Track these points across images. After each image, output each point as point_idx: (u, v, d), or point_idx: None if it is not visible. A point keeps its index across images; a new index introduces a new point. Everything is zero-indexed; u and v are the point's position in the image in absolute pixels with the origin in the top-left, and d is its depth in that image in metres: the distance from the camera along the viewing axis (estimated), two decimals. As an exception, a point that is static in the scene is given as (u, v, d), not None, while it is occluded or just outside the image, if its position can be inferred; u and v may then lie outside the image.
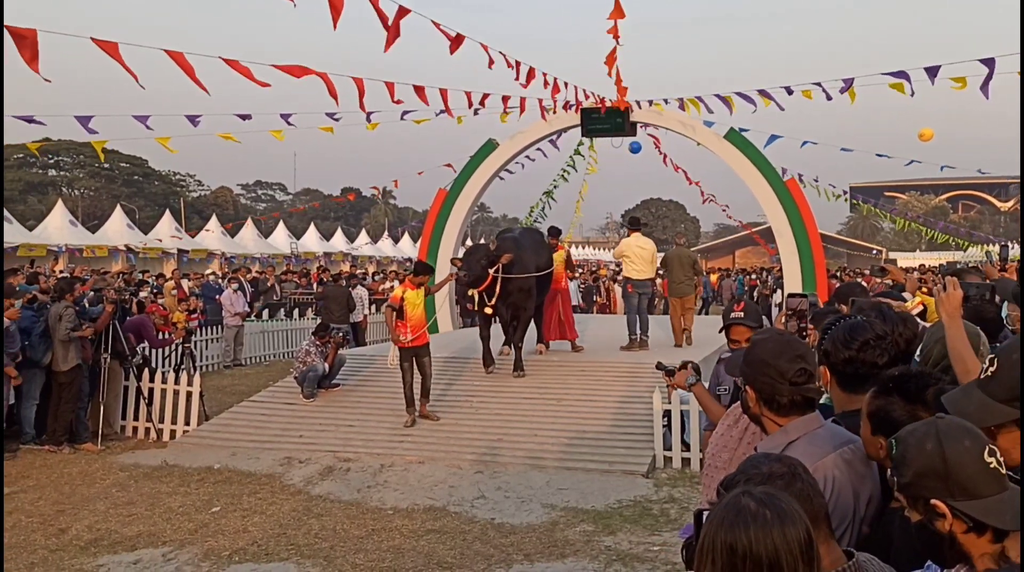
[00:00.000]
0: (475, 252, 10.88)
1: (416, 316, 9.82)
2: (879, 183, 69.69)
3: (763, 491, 1.64)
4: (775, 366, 2.52)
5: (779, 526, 1.56)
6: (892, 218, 38.59)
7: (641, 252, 12.03)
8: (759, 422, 2.64)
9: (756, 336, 2.80)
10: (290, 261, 37.97)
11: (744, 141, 14.33)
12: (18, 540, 6.81)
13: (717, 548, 1.57)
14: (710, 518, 1.62)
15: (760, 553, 1.54)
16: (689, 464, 8.69)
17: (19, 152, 53.56)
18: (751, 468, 1.89)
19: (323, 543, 6.64)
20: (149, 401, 10.50)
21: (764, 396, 2.55)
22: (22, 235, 29.89)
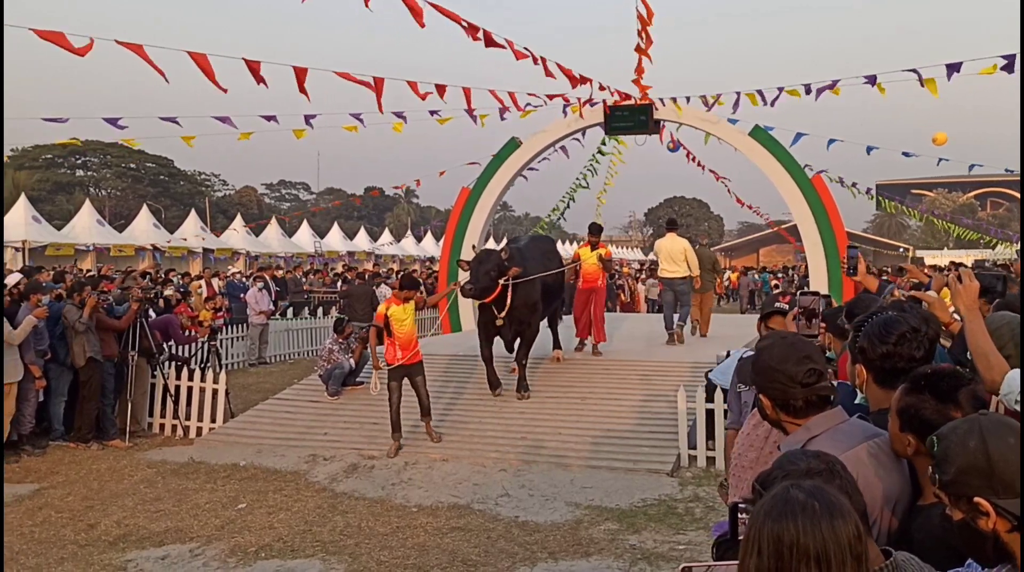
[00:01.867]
0: (485, 261, 9.94)
1: (405, 333, 9.13)
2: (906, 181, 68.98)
3: (812, 484, 1.62)
4: (783, 371, 2.50)
5: (828, 519, 1.54)
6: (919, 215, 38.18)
7: (673, 252, 12.42)
8: (780, 427, 2.62)
9: (760, 342, 2.78)
10: (314, 260, 38.17)
11: (769, 138, 14.22)
12: (48, 535, 6.89)
13: (764, 538, 1.56)
14: (756, 508, 1.60)
15: (808, 544, 1.52)
16: (714, 463, 8.64)
17: (47, 152, 54.31)
18: (788, 464, 1.87)
19: (348, 540, 6.67)
20: (176, 398, 10.60)
21: (779, 402, 2.54)
22: (51, 234, 30.27)
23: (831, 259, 13.79)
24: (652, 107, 14.39)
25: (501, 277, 9.81)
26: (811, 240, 13.93)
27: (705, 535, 6.65)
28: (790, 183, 14.01)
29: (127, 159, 59.25)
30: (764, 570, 1.56)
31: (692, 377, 10.24)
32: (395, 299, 9.31)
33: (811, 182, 14.10)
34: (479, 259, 10.05)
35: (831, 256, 13.79)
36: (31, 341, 9.28)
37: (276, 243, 40.49)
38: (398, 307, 9.15)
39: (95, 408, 9.88)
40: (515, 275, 9.90)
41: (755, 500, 1.84)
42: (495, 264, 9.84)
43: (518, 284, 10.02)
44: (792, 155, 14.25)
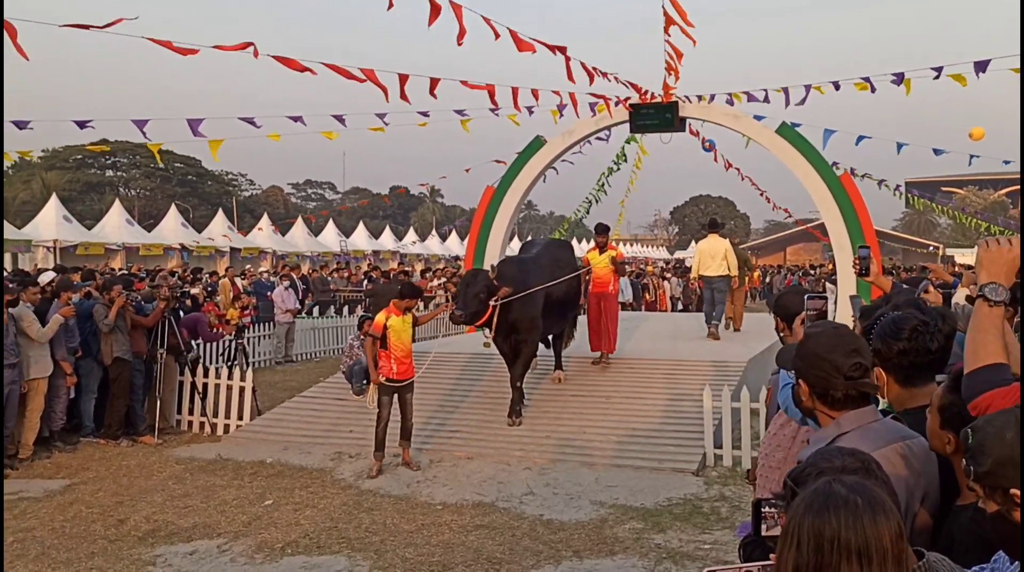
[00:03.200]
0: (472, 283, 9.32)
1: (402, 346, 8.57)
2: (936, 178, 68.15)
3: (855, 479, 1.60)
4: (829, 360, 2.47)
5: (871, 514, 1.52)
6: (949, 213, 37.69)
7: (714, 252, 12.89)
8: (812, 416, 2.60)
9: (809, 329, 2.76)
10: (340, 259, 38.37)
11: (796, 135, 14.11)
12: (79, 530, 6.99)
13: (804, 532, 1.54)
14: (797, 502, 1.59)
15: (849, 540, 1.50)
16: (740, 463, 8.59)
17: (78, 153, 54.98)
18: (822, 461, 1.85)
19: (373, 537, 6.71)
20: (203, 396, 10.70)
21: (818, 390, 2.51)
22: (81, 234, 30.67)
23: (859, 258, 13.63)
24: (677, 104, 14.33)
25: (491, 298, 9.21)
26: (839, 239, 13.80)
27: (731, 535, 6.61)
28: (818, 181, 13.89)
29: (156, 159, 59.87)
30: (803, 564, 1.54)
31: (718, 376, 10.19)
32: (395, 309, 8.67)
33: (839, 180, 13.97)
34: (466, 281, 9.49)
35: (859, 255, 13.64)
36: (62, 338, 9.41)
37: (302, 242, 40.75)
38: (398, 318, 8.59)
39: (124, 405, 10.01)
40: (505, 295, 9.26)
41: (783, 496, 1.83)
42: (483, 286, 9.23)
43: (511, 302, 9.39)
44: (820, 152, 14.12)
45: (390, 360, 8.54)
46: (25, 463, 9.02)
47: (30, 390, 9.07)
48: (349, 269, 28.51)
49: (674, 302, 26.94)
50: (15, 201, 48.46)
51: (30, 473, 8.79)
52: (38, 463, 9.10)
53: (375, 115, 13.27)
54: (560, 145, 15.41)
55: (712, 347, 12.29)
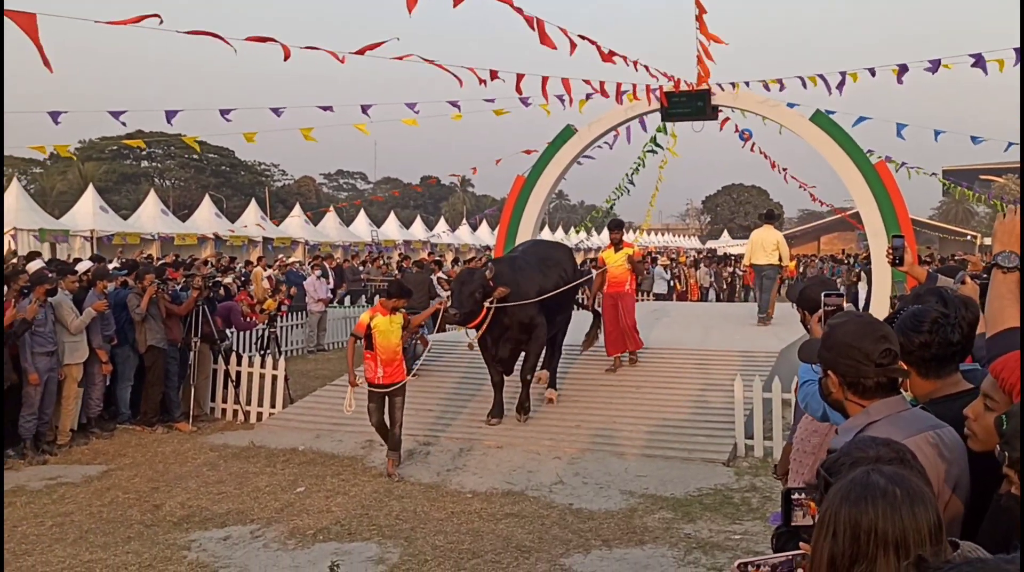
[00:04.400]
0: (468, 281, 8.92)
1: (389, 347, 8.12)
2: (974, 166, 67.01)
3: (893, 470, 1.58)
4: (859, 348, 2.44)
5: (909, 505, 1.50)
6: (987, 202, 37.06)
7: (766, 242, 13.27)
8: (840, 407, 2.58)
9: (834, 319, 2.74)
10: (371, 249, 38.58)
11: (831, 123, 13.92)
12: (115, 515, 7.11)
13: (840, 522, 1.52)
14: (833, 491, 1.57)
15: (887, 530, 1.48)
16: (771, 453, 8.53)
17: (113, 144, 55.71)
18: (856, 451, 1.82)
19: (404, 524, 6.76)
20: (237, 384, 10.83)
21: (848, 380, 2.48)
22: (117, 224, 31.12)
23: (895, 247, 13.45)
24: (709, 92, 14.20)
25: (486, 299, 8.85)
26: (874, 228, 13.62)
27: (762, 525, 6.58)
28: (852, 169, 13.70)
29: (190, 150, 60.36)
30: (839, 554, 1.52)
31: (749, 366, 10.12)
32: (381, 308, 8.26)
33: (875, 168, 13.78)
34: (461, 279, 9.07)
35: (895, 244, 13.45)
36: (98, 326, 9.57)
37: (334, 232, 41.00)
38: (384, 317, 8.13)
39: (159, 393, 10.16)
40: (502, 296, 8.90)
41: (816, 486, 1.81)
42: (479, 285, 8.85)
43: (508, 306, 9.04)
44: (855, 140, 13.93)
45: (375, 363, 8.12)
46: (63, 449, 9.19)
47: (66, 377, 9.24)
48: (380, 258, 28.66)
49: (704, 292, 26.78)
50: (53, 191, 49.24)
51: (68, 459, 8.96)
52: (76, 449, 9.27)
53: (405, 105, 13.31)
54: (591, 134, 15.35)
55: (743, 337, 12.21)
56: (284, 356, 13.21)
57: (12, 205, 27.53)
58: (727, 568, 5.75)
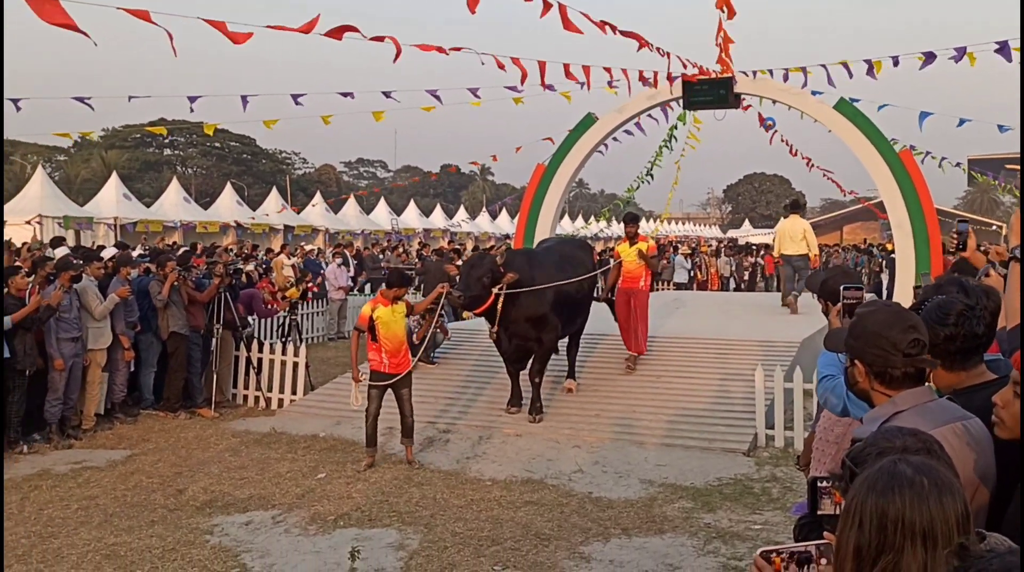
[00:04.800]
0: (477, 265, 8.86)
1: (393, 338, 8.04)
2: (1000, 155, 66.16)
3: (921, 460, 1.57)
4: (888, 337, 2.42)
5: (936, 496, 1.48)
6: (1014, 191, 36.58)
7: (793, 232, 13.41)
8: (866, 397, 2.56)
9: (862, 309, 2.71)
10: (390, 237, 38.67)
11: (855, 111, 13.78)
12: (139, 499, 7.20)
13: (866, 512, 1.51)
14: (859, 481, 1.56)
15: (914, 520, 1.47)
16: (792, 443, 8.49)
17: (136, 132, 56.11)
18: (883, 441, 1.81)
19: (424, 511, 6.79)
20: (258, 371, 10.90)
21: (876, 369, 2.46)
22: (141, 212, 31.36)
23: (918, 237, 13.34)
24: (732, 80, 14.09)
25: (495, 285, 8.70)
26: (898, 217, 13.49)
27: (782, 515, 6.56)
28: (877, 158, 13.57)
29: (212, 138, 60.85)
30: (865, 544, 1.51)
31: (770, 356, 10.07)
32: (382, 298, 8.18)
33: (899, 157, 13.63)
34: (471, 263, 9.03)
35: (919, 234, 13.34)
36: (122, 312, 9.66)
37: (354, 220, 41.11)
38: (385, 308, 8.03)
39: (182, 379, 10.25)
40: (511, 282, 8.73)
41: (843, 476, 1.80)
42: (488, 269, 8.72)
43: (518, 294, 8.84)
44: (879, 129, 13.79)
45: (381, 353, 8.05)
46: (88, 433, 9.31)
47: (90, 362, 9.35)
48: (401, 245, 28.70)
49: (725, 281, 26.66)
50: (77, 179, 49.66)
51: (93, 443, 9.07)
52: (101, 434, 9.38)
53: (426, 91, 13.32)
54: (612, 122, 15.28)
55: (764, 327, 12.15)
56: (305, 343, 13.31)
57: (37, 192, 27.82)
58: (747, 558, 5.74)
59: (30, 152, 50.69)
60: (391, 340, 8.04)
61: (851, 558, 1.53)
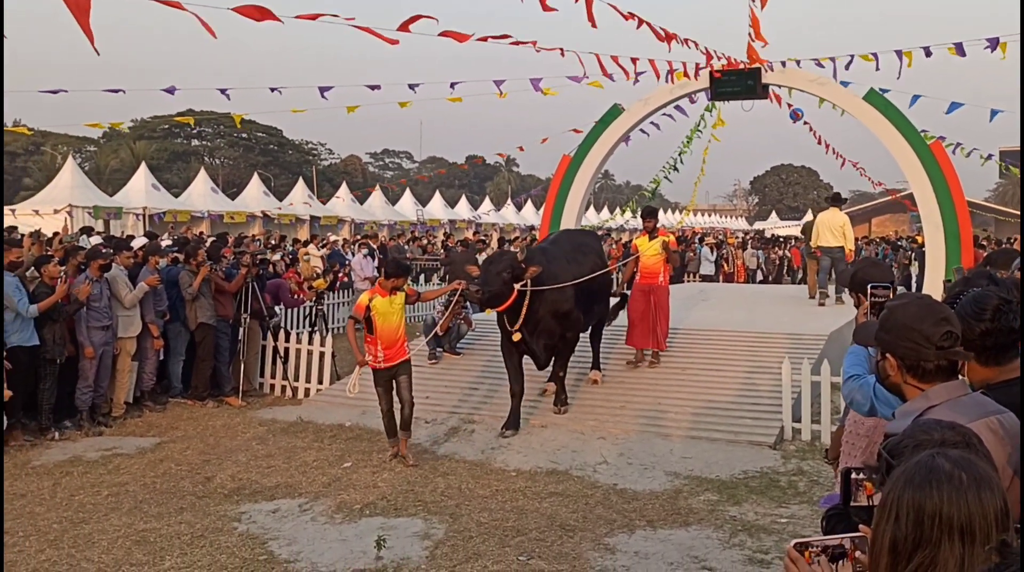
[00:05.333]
0: (496, 261, 8.57)
1: (389, 329, 7.81)
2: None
3: (959, 453, 1.55)
4: (920, 330, 2.39)
5: (975, 490, 1.46)
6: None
7: (832, 225, 13.47)
8: (898, 391, 2.53)
9: (893, 302, 2.68)
10: (415, 228, 38.77)
11: (885, 102, 13.61)
12: (168, 486, 7.29)
13: (903, 506, 1.49)
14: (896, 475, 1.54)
15: (951, 515, 1.45)
16: (820, 437, 8.43)
17: (165, 123, 56.59)
18: (920, 434, 1.78)
19: (449, 501, 6.82)
20: (285, 360, 10.99)
21: (908, 362, 2.44)
22: (169, 202, 31.70)
23: (949, 229, 13.17)
24: (760, 71, 13.97)
25: (517, 281, 8.34)
26: (928, 209, 13.33)
27: (809, 509, 6.52)
28: (907, 149, 13.39)
29: (239, 129, 61.31)
30: (901, 539, 1.49)
31: (797, 348, 10.00)
32: (380, 288, 7.93)
33: (930, 148, 13.46)
34: (490, 259, 8.76)
35: (949, 226, 13.17)
36: (151, 301, 9.77)
37: (379, 211, 41.26)
38: (383, 299, 7.78)
39: (210, 368, 10.35)
40: (535, 276, 8.43)
41: (879, 468, 1.78)
42: (508, 264, 8.37)
43: (542, 291, 8.55)
44: (909, 120, 13.61)
45: (376, 346, 7.80)
46: (118, 421, 9.43)
47: (120, 351, 9.46)
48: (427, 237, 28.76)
49: (752, 273, 26.49)
50: (106, 169, 50.21)
51: (123, 431, 9.19)
52: (130, 421, 9.50)
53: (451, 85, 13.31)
54: (638, 113, 15.20)
55: (792, 319, 12.06)
56: (331, 333, 13.38)
57: (68, 182, 28.20)
58: (773, 551, 5.71)
59: (61, 143, 51.33)
60: (387, 333, 7.79)
61: (887, 552, 1.51)
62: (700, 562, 5.60)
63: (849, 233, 13.63)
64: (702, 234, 31.64)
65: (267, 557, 5.74)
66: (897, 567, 1.51)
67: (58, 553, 5.80)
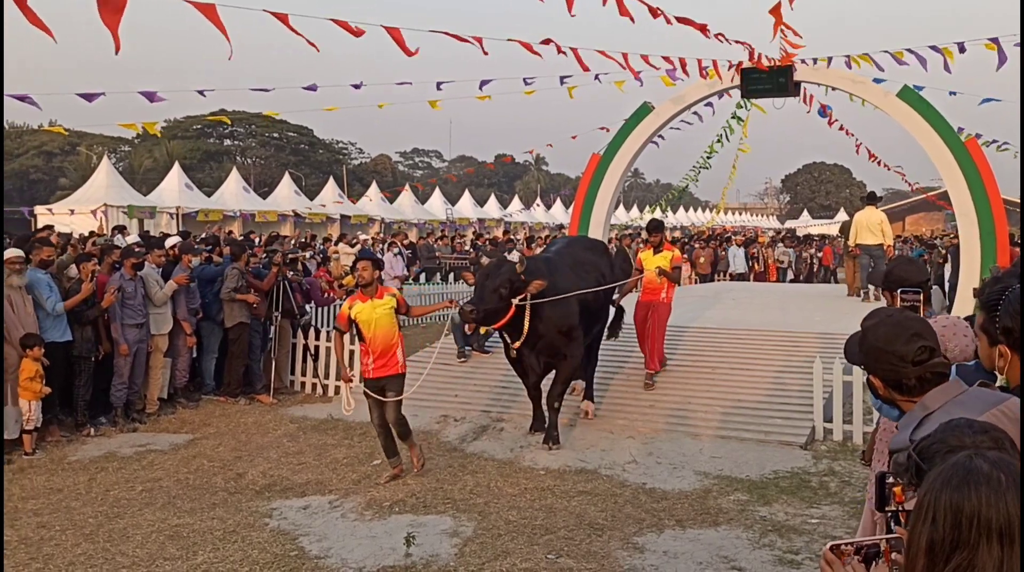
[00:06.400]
0: (494, 274, 7.73)
1: (381, 335, 7.19)
2: (1072, 144, 63.86)
3: (997, 454, 1.53)
4: (893, 352, 2.41)
5: (1014, 492, 1.43)
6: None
7: (871, 223, 13.76)
8: (895, 405, 2.53)
9: (865, 322, 2.67)
10: (445, 227, 38.86)
11: (919, 99, 13.43)
12: (201, 482, 7.38)
13: (940, 508, 1.47)
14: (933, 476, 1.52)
15: (990, 517, 1.43)
16: (852, 437, 8.35)
17: (197, 123, 57.23)
18: (951, 437, 1.75)
19: (477, 499, 6.84)
20: (315, 358, 11.07)
21: (891, 382, 2.44)
22: (202, 201, 32.03)
23: (984, 227, 12.97)
24: (792, 68, 13.84)
25: (515, 295, 7.68)
26: (963, 208, 13.13)
27: (840, 509, 6.46)
28: (941, 147, 13.21)
29: (270, 129, 61.85)
30: (938, 540, 1.47)
31: (829, 348, 9.90)
32: (361, 294, 7.33)
33: (965, 146, 13.26)
34: (486, 272, 7.85)
35: (984, 224, 12.97)
36: (184, 299, 9.89)
37: (409, 210, 41.41)
38: (364, 304, 7.20)
39: (243, 365, 10.46)
40: (537, 291, 7.69)
41: (907, 469, 1.77)
42: (506, 278, 7.64)
43: (543, 305, 7.86)
44: (944, 117, 13.42)
45: (368, 355, 7.30)
46: (152, 417, 9.57)
47: (154, 348, 9.59)
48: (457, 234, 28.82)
49: (783, 272, 26.27)
50: (140, 169, 50.87)
51: (157, 427, 9.32)
52: (164, 418, 9.64)
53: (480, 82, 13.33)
54: (668, 111, 15.12)
55: (823, 318, 11.96)
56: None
57: (102, 182, 28.62)
58: (804, 551, 5.67)
59: (96, 143, 52.09)
60: (378, 339, 7.21)
61: (923, 554, 1.49)
62: (729, 562, 5.57)
63: (888, 230, 13.91)
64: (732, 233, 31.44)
65: (298, 553, 5.79)
66: (934, 569, 1.49)
67: (94, 547, 5.90)
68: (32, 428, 8.13)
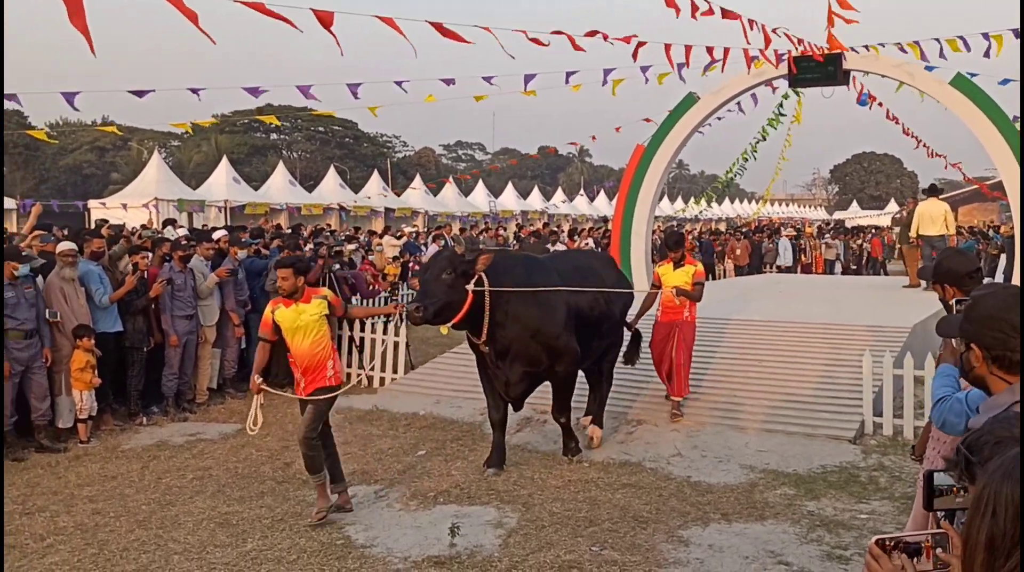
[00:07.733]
0: (431, 265, 6.96)
1: (302, 347, 6.28)
2: None
3: None
4: (1007, 320, 2.33)
5: None
6: None
7: (934, 214, 13.66)
8: (982, 383, 2.46)
9: (977, 292, 2.61)
10: (488, 219, 38.92)
11: (972, 86, 13.12)
12: (249, 471, 7.50)
13: (1001, 501, 1.43)
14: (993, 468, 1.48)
15: None
16: (902, 432, 8.21)
17: (245, 118, 58.00)
18: (1001, 430, 1.71)
19: (522, 490, 6.85)
20: (360, 349, 11.17)
21: (994, 353, 2.37)
22: (249, 195, 32.47)
23: (1040, 218, 12.64)
24: (841, 56, 13.61)
25: (465, 280, 6.73)
26: (1018, 198, 12.81)
27: (890, 505, 6.36)
28: (996, 136, 12.91)
29: (316, 123, 62.44)
30: (999, 535, 1.43)
31: (879, 341, 9.74)
32: (281, 298, 6.34)
33: (1020, 135, 12.93)
34: (425, 266, 7.11)
35: (1041, 215, 12.64)
36: (232, 290, 10.05)
37: (453, 202, 41.54)
38: (286, 309, 6.23)
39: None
40: (485, 267, 6.77)
41: (957, 463, 1.73)
42: (446, 264, 6.73)
43: (508, 296, 6.92)
44: (999, 105, 13.09)
45: (296, 369, 6.48)
46: (202, 407, 9.74)
47: (203, 339, 9.75)
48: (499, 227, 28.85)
49: (830, 264, 25.89)
50: (190, 163, 51.74)
51: (206, 417, 9.49)
52: (213, 408, 9.80)
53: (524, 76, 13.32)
54: (713, 102, 14.98)
55: (873, 311, 11.75)
56: (405, 324, 13.53)
57: (153, 177, 29.17)
58: (852, 547, 5.59)
59: (147, 138, 53.06)
60: (302, 350, 6.31)
61: (983, 549, 1.45)
62: (776, 556, 5.51)
63: (951, 221, 13.97)
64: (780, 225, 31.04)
65: (344, 542, 5.86)
66: (995, 564, 1.44)
67: (147, 533, 6.03)
68: (87, 417, 8.33)
